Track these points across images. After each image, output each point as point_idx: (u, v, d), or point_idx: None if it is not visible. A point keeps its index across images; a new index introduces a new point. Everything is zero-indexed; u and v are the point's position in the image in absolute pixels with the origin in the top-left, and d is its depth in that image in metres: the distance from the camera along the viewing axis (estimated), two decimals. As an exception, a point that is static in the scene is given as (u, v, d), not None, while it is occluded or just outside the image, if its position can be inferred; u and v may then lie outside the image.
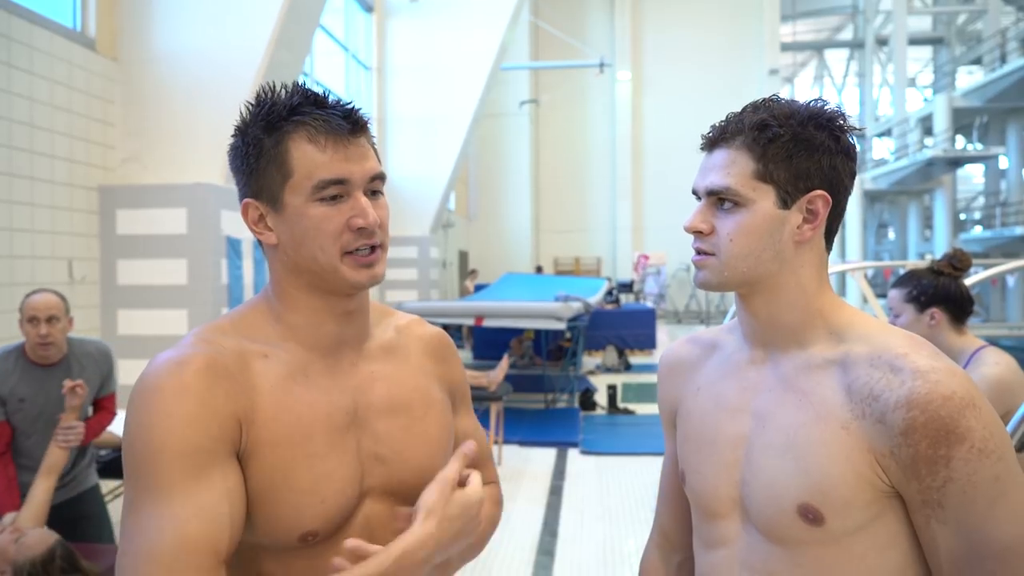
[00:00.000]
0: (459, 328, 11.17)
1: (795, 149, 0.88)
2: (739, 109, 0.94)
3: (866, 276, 7.12)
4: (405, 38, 12.03)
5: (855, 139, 0.93)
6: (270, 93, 0.89)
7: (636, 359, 11.26)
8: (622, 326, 10.94)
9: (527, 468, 5.49)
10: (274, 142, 0.87)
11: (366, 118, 0.91)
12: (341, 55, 10.99)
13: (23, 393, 2.55)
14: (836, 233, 0.95)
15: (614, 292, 13.04)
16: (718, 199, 0.92)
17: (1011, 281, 15.16)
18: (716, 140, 0.93)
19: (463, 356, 8.92)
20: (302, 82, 0.92)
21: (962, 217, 22.68)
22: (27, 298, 2.58)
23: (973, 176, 27.69)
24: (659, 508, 1.18)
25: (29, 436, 2.60)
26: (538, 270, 18.23)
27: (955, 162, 17.55)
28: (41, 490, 2.43)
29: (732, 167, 0.90)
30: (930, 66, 25.18)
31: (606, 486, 5.06)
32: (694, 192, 0.96)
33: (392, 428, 0.95)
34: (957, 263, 2.07)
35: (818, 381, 0.88)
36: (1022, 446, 1.65)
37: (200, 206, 5.28)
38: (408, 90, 11.94)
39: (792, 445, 0.87)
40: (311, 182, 0.86)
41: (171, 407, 0.81)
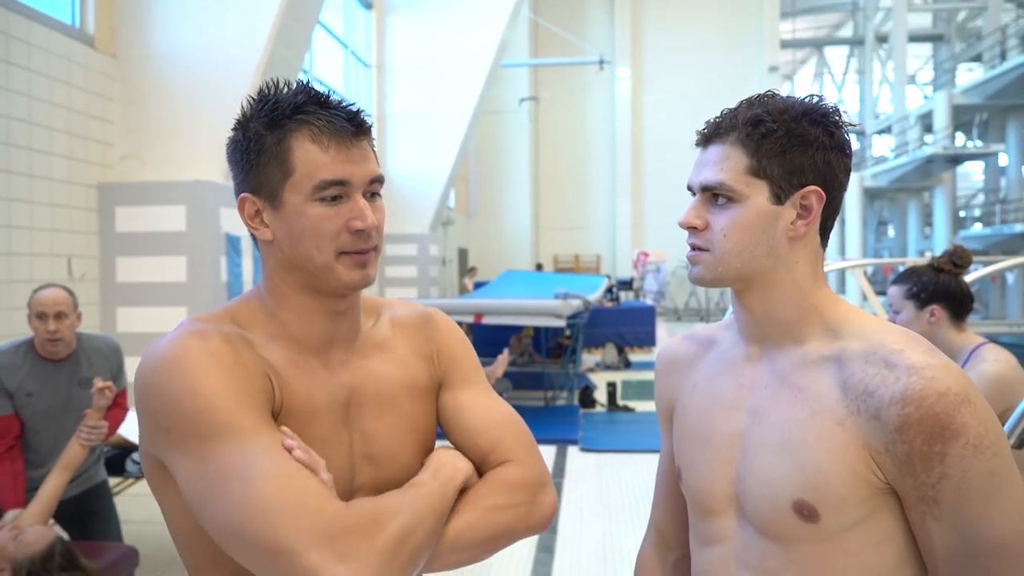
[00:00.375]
0: (459, 325, 11.16)
1: (789, 145, 0.88)
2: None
3: (866, 273, 7.12)
4: (404, 35, 12.02)
5: (850, 135, 0.92)
6: (273, 89, 0.90)
7: (636, 357, 11.26)
8: (622, 323, 10.93)
9: (526, 465, 5.48)
10: (276, 139, 0.87)
11: (369, 121, 0.92)
12: (340, 52, 10.98)
13: (31, 388, 2.56)
14: (832, 229, 0.95)
15: (614, 289, 13.05)
16: (712, 195, 0.92)
17: (1011, 278, 15.16)
18: (710, 136, 0.93)
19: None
20: (304, 80, 0.92)
21: (962, 214, 22.66)
22: (35, 293, 2.57)
23: (973, 173, 27.68)
24: (655, 506, 1.18)
25: (37, 432, 2.61)
26: (538, 267, 18.25)
27: (955, 159, 17.54)
28: (52, 486, 2.44)
29: (726, 163, 0.90)
30: (930, 63, 25.16)
31: (605, 483, 5.06)
32: (689, 188, 0.96)
33: (380, 427, 0.95)
34: (958, 260, 2.07)
35: (814, 377, 0.88)
36: (1022, 443, 1.65)
37: (199, 203, 5.28)
38: (408, 87, 11.94)
39: (787, 442, 0.87)
40: (312, 182, 0.86)
41: (208, 365, 0.80)
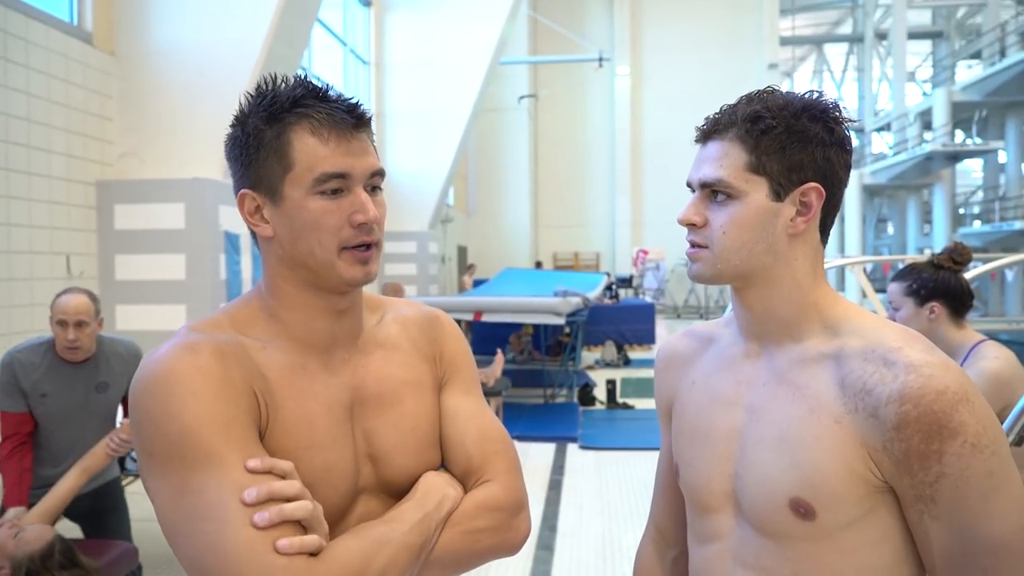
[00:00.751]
0: (458, 323, 11.16)
1: (788, 141, 0.88)
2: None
3: (865, 270, 7.12)
4: (403, 33, 12.00)
5: (850, 131, 0.92)
6: (271, 85, 0.89)
7: (635, 354, 11.26)
8: (621, 321, 10.93)
9: (526, 463, 5.50)
10: (275, 133, 0.86)
11: (369, 113, 0.91)
12: (339, 50, 10.96)
13: (46, 389, 2.56)
14: (831, 226, 0.94)
15: (613, 287, 13.03)
16: (711, 191, 0.91)
17: (1010, 275, 15.15)
18: (710, 132, 0.93)
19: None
20: (304, 76, 0.92)
21: (961, 211, 22.65)
22: (58, 298, 2.54)
23: (972, 170, 27.67)
24: (654, 503, 1.17)
25: (51, 432, 2.62)
26: (537, 265, 18.22)
27: (954, 156, 17.53)
28: (67, 487, 2.45)
29: (725, 159, 0.90)
30: (929, 60, 25.14)
31: (605, 481, 5.06)
32: (688, 184, 0.95)
33: (382, 426, 0.94)
34: (957, 257, 2.07)
35: (812, 375, 0.88)
36: (1021, 440, 1.65)
37: (198, 201, 5.28)
38: (406, 85, 11.92)
39: (785, 439, 0.87)
40: (312, 175, 0.85)
41: (195, 387, 0.80)
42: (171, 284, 5.28)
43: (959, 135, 20.68)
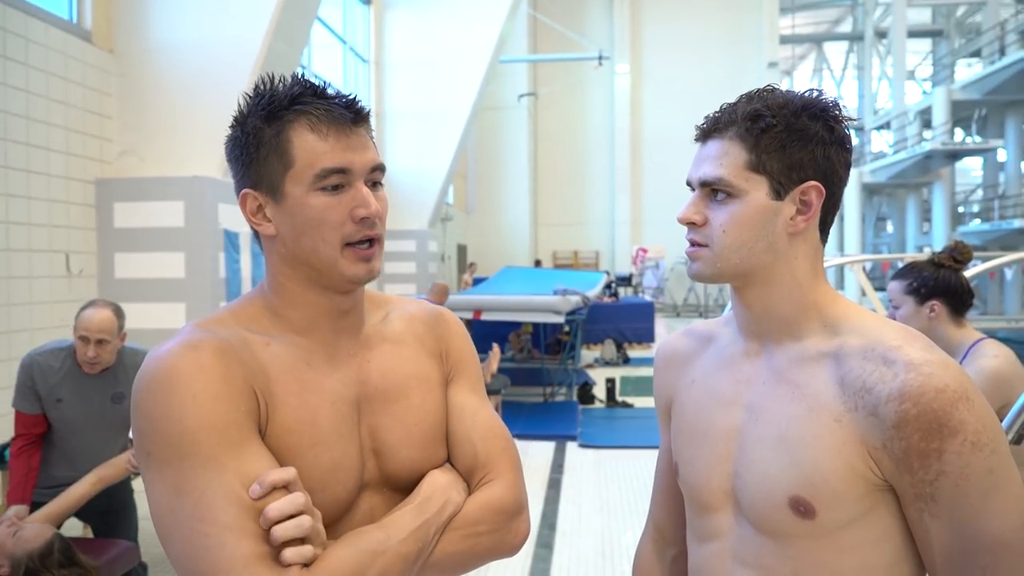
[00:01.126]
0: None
1: (788, 139, 0.88)
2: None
3: (864, 269, 7.12)
4: (403, 31, 11.99)
5: (850, 130, 0.92)
6: (269, 84, 0.89)
7: (634, 353, 11.26)
8: (620, 320, 10.94)
9: (525, 461, 5.48)
10: (275, 131, 0.86)
11: (366, 109, 0.91)
12: (339, 48, 10.96)
13: (62, 395, 2.56)
14: (831, 225, 0.94)
15: (612, 285, 13.04)
16: (711, 190, 0.91)
17: (1009, 274, 15.17)
18: (710, 131, 0.93)
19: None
20: (300, 74, 0.92)
21: (960, 210, 22.65)
22: (83, 311, 2.50)
23: (971, 169, 27.67)
24: (654, 502, 1.17)
25: (64, 436, 2.63)
26: (536, 264, 18.23)
27: (954, 155, 17.53)
28: (79, 494, 2.47)
29: (725, 158, 0.90)
30: (929, 59, 25.13)
31: (604, 479, 5.07)
32: (688, 183, 0.95)
33: (387, 420, 0.94)
34: (958, 255, 2.07)
35: (811, 374, 0.88)
36: (1020, 438, 1.65)
37: (197, 199, 5.27)
38: (406, 83, 11.92)
39: (784, 438, 0.87)
40: (313, 171, 0.86)
41: (195, 387, 0.80)
42: (170, 282, 5.28)
43: (959, 133, 20.68)
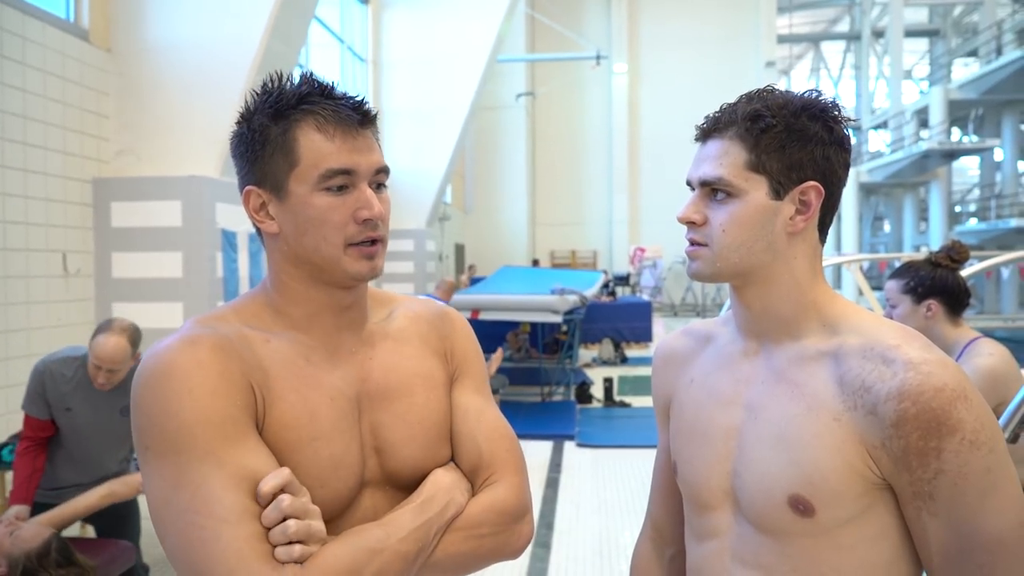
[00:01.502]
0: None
1: (788, 140, 0.88)
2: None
3: (862, 268, 7.14)
4: (401, 30, 11.98)
5: (849, 130, 0.92)
6: (276, 82, 0.89)
7: (632, 352, 11.27)
8: (618, 319, 10.95)
9: (523, 460, 5.49)
10: (281, 130, 0.87)
11: (374, 111, 0.91)
12: (336, 47, 10.94)
13: (71, 404, 2.57)
14: (830, 225, 0.95)
15: (610, 285, 13.06)
16: (711, 190, 0.92)
17: (1005, 273, 15.20)
18: (709, 131, 0.93)
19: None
20: (309, 74, 0.92)
21: (957, 209, 22.69)
22: (97, 335, 2.46)
23: (968, 168, 27.72)
24: (652, 501, 1.18)
25: (73, 442, 2.63)
26: (534, 263, 18.23)
27: (951, 154, 17.56)
28: (87, 504, 2.48)
29: (725, 158, 0.90)
30: (926, 58, 25.17)
31: (602, 479, 5.07)
32: (688, 183, 0.96)
33: (389, 418, 0.94)
34: (955, 255, 2.07)
35: (811, 373, 0.88)
36: (1016, 437, 1.66)
37: (195, 199, 5.26)
38: (404, 83, 11.91)
39: (783, 437, 0.87)
40: (318, 171, 0.86)
41: (193, 382, 0.80)
42: (168, 282, 5.27)
43: (955, 133, 20.72)
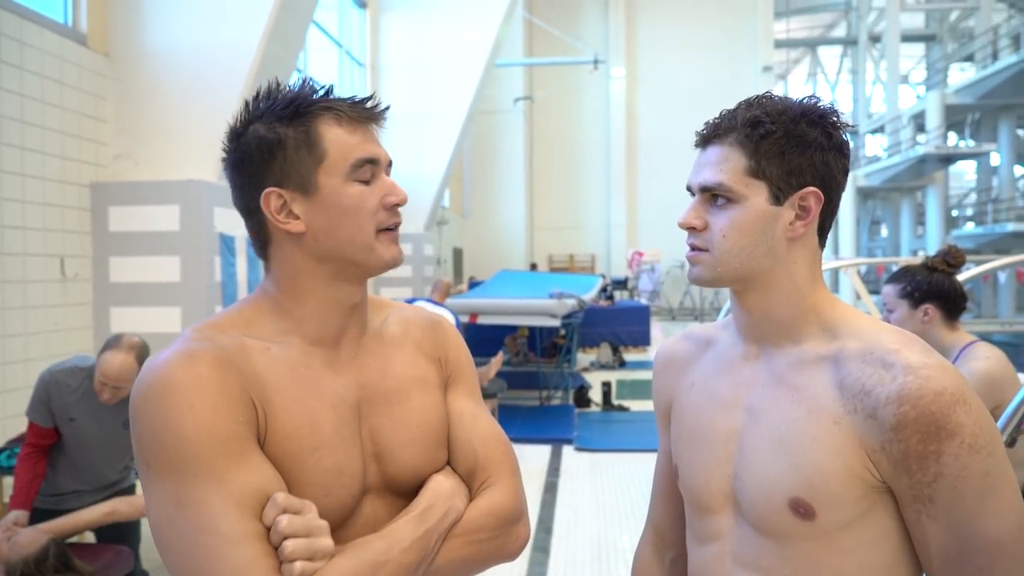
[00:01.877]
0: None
1: (788, 146, 0.89)
2: (733, 106, 0.94)
3: (859, 273, 7.15)
4: (399, 34, 12.00)
5: (848, 136, 0.93)
6: (277, 87, 0.92)
7: (630, 356, 11.27)
8: (616, 323, 10.95)
9: (521, 465, 5.44)
10: (303, 127, 0.89)
11: (384, 107, 0.95)
12: (335, 51, 10.96)
13: (75, 414, 2.57)
14: (830, 230, 0.96)
15: (608, 289, 13.05)
16: (711, 195, 0.92)
17: (1002, 277, 15.24)
18: (709, 137, 0.93)
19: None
20: (297, 79, 0.94)
21: (954, 214, 22.77)
22: (105, 351, 2.46)
23: (965, 173, 27.80)
24: (653, 504, 1.18)
25: (76, 451, 2.63)
26: (532, 267, 18.24)
27: (947, 159, 17.63)
28: (86, 519, 2.49)
29: (725, 163, 0.91)
30: (923, 63, 25.26)
31: (600, 483, 5.07)
32: (688, 188, 0.96)
33: (389, 423, 0.94)
34: (952, 260, 2.08)
35: (811, 377, 0.89)
36: (1013, 441, 1.66)
37: (193, 203, 5.26)
38: (402, 87, 11.91)
39: (784, 440, 0.88)
40: (347, 162, 0.89)
41: (193, 399, 0.80)
42: (166, 286, 5.26)
43: (952, 137, 20.80)
